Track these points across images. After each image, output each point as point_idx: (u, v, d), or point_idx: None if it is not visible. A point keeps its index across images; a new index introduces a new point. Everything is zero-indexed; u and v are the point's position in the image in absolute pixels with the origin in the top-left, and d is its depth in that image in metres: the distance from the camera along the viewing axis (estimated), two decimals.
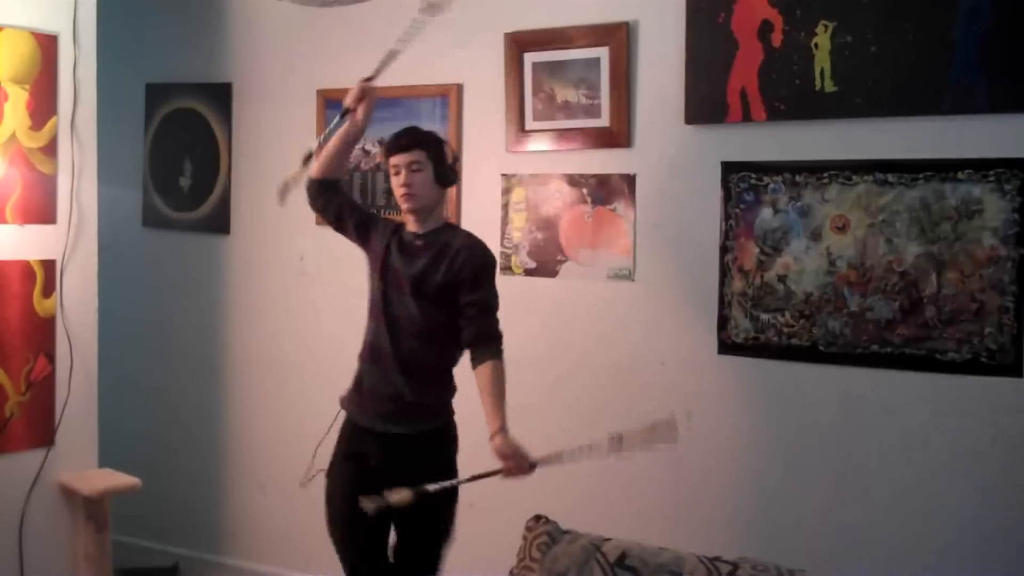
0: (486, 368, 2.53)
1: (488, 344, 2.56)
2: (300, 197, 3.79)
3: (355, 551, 2.69)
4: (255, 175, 3.91)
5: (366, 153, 3.64)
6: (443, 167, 2.66)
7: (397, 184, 2.66)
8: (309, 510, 3.82)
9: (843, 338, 2.87)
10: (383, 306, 2.66)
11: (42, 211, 3.31)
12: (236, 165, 3.95)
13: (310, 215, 3.76)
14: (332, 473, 2.74)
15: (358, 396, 2.72)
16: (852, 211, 2.85)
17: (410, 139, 2.68)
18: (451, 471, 2.64)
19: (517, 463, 2.43)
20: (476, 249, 2.67)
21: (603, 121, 3.20)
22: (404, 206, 2.68)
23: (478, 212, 3.42)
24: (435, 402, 2.68)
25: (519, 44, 3.31)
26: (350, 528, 2.67)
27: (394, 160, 2.67)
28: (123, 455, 3.62)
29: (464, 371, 2.66)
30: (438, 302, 2.61)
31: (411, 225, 2.72)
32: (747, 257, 3.00)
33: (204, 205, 4.02)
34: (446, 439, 2.70)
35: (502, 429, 2.45)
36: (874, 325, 2.83)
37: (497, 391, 2.50)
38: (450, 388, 2.71)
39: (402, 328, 2.63)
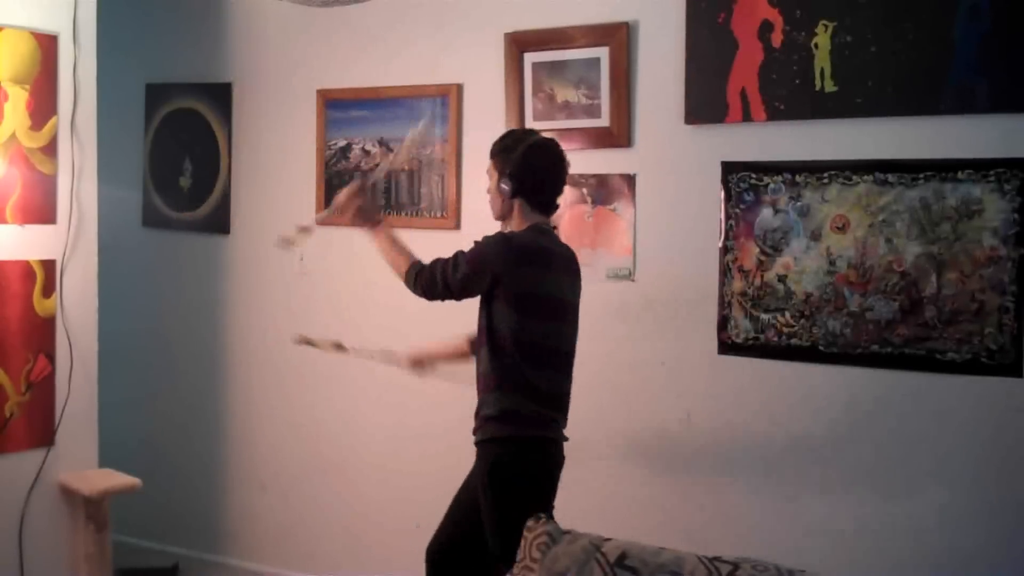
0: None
1: (430, 265, 2.62)
2: (298, 204, 3.80)
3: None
4: (255, 175, 3.91)
5: (366, 153, 3.65)
6: (501, 178, 2.61)
7: None
8: (309, 510, 3.84)
9: (843, 338, 2.87)
10: None
11: (42, 211, 3.31)
12: (236, 165, 3.95)
13: (310, 215, 3.77)
14: None
15: None
16: (852, 211, 2.85)
17: (491, 149, 2.68)
18: (494, 499, 2.54)
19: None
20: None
21: (603, 121, 3.20)
22: None
23: (479, 212, 3.41)
24: (480, 411, 2.61)
25: (519, 44, 3.31)
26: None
27: None
28: (123, 455, 3.62)
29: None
30: (483, 300, 2.61)
31: None
32: (747, 257, 3.00)
33: (204, 205, 4.02)
34: (484, 456, 2.58)
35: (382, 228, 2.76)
36: (874, 325, 2.83)
37: (397, 251, 2.70)
38: (493, 401, 2.56)
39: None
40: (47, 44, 3.28)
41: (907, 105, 2.77)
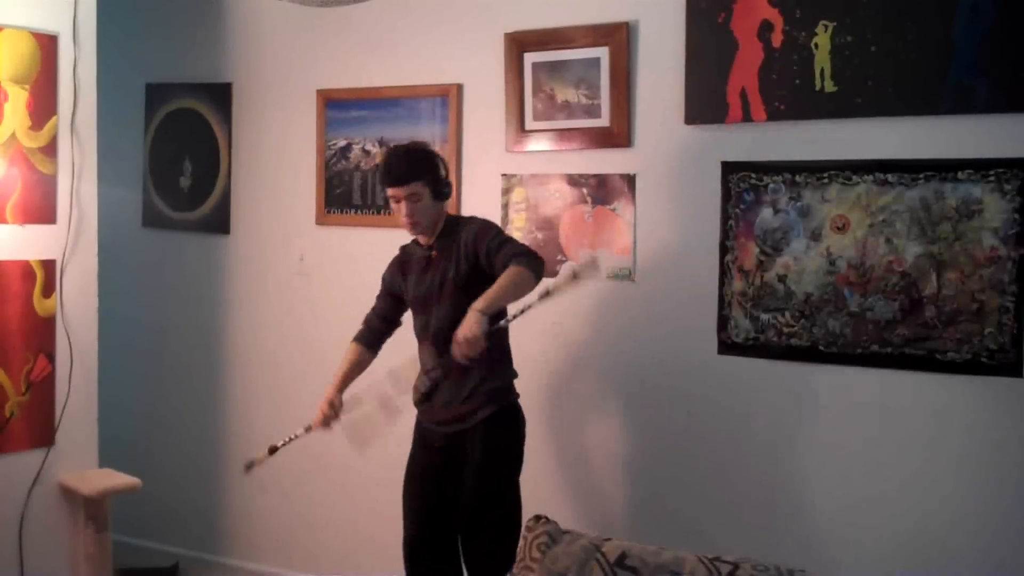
0: (507, 269, 2.63)
1: (518, 258, 2.64)
2: (298, 204, 3.80)
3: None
4: (255, 175, 3.91)
5: (366, 153, 3.65)
6: (439, 187, 2.80)
7: (399, 212, 2.79)
8: (309, 510, 3.84)
9: (843, 338, 2.87)
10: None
11: (42, 211, 3.31)
12: (236, 165, 3.95)
13: (310, 215, 3.78)
14: None
15: None
16: (852, 211, 2.85)
17: (406, 171, 2.77)
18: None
19: (465, 343, 2.51)
20: (472, 222, 2.84)
21: (603, 121, 3.20)
22: (411, 233, 2.85)
23: (478, 212, 3.41)
24: (479, 386, 2.84)
25: (519, 44, 3.31)
26: None
27: (391, 191, 2.78)
28: (123, 455, 3.62)
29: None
30: (468, 287, 2.71)
31: (422, 240, 2.87)
32: (747, 257, 3.00)
33: (204, 205, 4.02)
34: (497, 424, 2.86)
35: (478, 309, 2.55)
36: (874, 325, 2.83)
37: (502, 282, 2.59)
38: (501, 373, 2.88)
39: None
40: (47, 44, 3.29)
41: (907, 105, 2.77)
